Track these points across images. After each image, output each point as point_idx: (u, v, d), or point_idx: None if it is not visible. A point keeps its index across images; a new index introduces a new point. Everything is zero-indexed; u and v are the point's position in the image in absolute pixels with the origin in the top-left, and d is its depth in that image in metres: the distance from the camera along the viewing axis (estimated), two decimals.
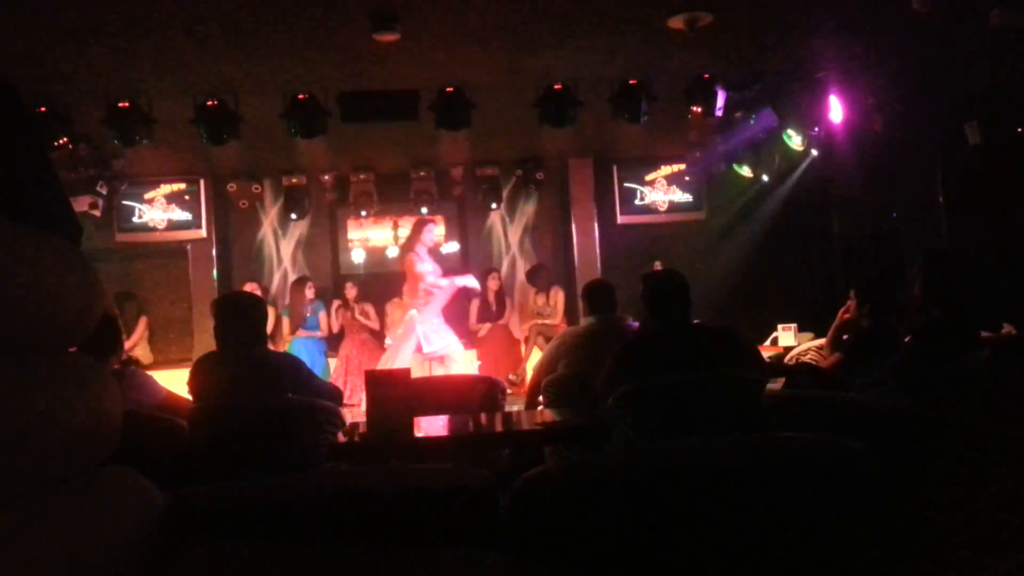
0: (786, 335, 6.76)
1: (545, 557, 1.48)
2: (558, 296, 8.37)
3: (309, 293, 8.37)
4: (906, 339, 3.49)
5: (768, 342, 6.84)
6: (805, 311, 7.74)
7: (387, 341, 8.02)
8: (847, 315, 4.28)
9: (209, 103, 6.24)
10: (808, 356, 5.40)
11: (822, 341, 4.89)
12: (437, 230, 7.19)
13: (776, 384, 4.22)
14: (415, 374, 6.12)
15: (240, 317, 3.13)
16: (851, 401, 3.15)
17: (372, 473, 2.22)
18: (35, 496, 1.11)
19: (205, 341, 8.48)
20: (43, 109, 6.16)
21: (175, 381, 5.14)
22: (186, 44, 5.29)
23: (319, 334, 8.25)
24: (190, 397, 3.18)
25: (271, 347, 5.97)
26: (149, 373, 3.92)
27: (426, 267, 6.59)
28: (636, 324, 4.14)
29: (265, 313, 3.32)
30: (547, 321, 8.17)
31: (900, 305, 4.20)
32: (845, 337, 4.25)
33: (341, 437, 3.18)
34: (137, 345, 8.29)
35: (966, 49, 5.78)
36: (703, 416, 2.79)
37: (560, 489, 1.59)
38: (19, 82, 1.79)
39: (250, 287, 8.48)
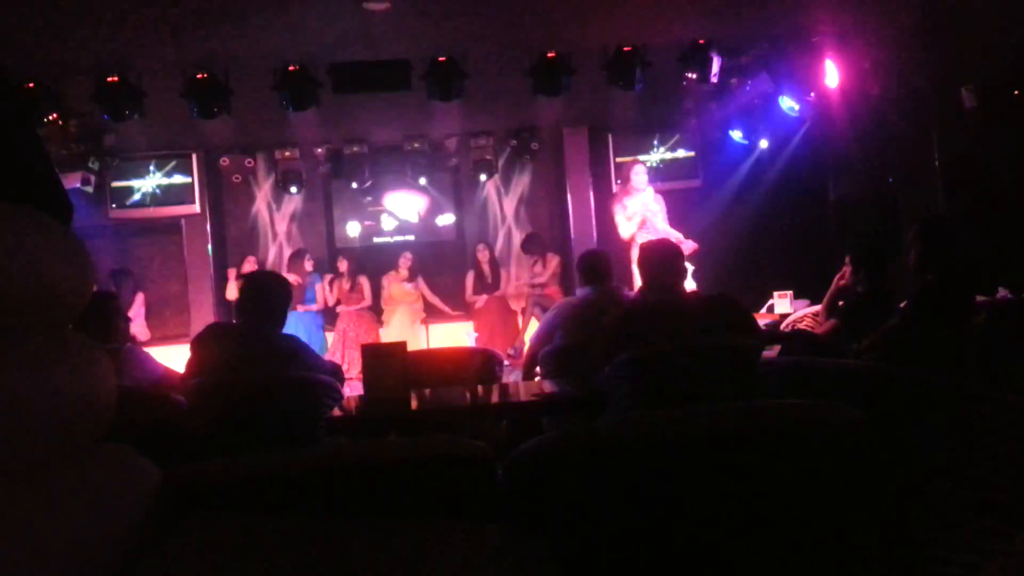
0: (782, 302, 6.77)
1: (543, 527, 1.49)
2: (553, 261, 8.37)
3: (308, 266, 8.35)
4: (902, 305, 3.50)
5: (764, 309, 6.85)
6: (801, 278, 7.74)
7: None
8: (843, 281, 4.28)
9: (199, 76, 6.18)
10: (804, 323, 5.41)
11: (818, 308, 4.90)
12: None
13: (772, 351, 4.23)
14: None
15: (257, 297, 3.16)
16: (846, 367, 3.17)
17: (370, 446, 2.23)
18: (31, 474, 1.11)
19: (202, 317, 8.48)
20: (31, 85, 6.09)
21: (172, 357, 5.15)
22: (174, 16, 5.21)
23: (315, 307, 8.25)
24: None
25: None
26: (146, 350, 3.93)
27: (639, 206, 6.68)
28: (632, 294, 4.14)
29: (287, 295, 3.31)
30: (538, 281, 8.18)
31: (896, 271, 4.20)
32: (841, 303, 4.26)
33: (338, 411, 3.19)
34: (134, 322, 8.29)
35: (962, 12, 5.72)
36: (699, 384, 2.80)
37: (557, 459, 1.59)
38: (6, 58, 1.77)
39: (249, 262, 8.47)
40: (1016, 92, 6.49)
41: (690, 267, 6.71)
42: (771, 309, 6.79)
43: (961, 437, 1.88)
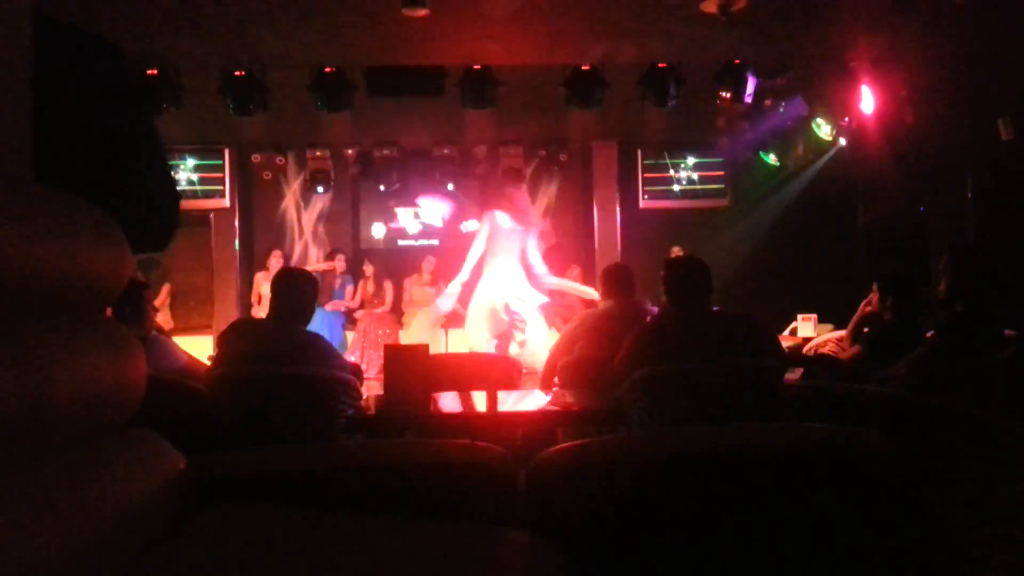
0: (806, 325, 6.71)
1: (560, 535, 1.48)
2: (572, 272, 8.37)
3: (341, 266, 8.45)
4: (928, 334, 3.46)
5: (787, 332, 6.80)
6: (826, 302, 7.66)
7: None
8: (869, 308, 4.24)
9: (236, 73, 6.26)
10: (827, 347, 5.35)
11: (842, 333, 4.84)
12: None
13: (794, 374, 4.20)
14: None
15: (285, 292, 3.19)
16: (869, 393, 3.14)
17: (390, 446, 2.24)
18: (60, 456, 1.13)
19: (225, 309, 8.57)
20: None
21: (196, 347, 5.20)
22: (215, 13, 5.29)
23: (342, 307, 8.34)
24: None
25: None
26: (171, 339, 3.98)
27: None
28: (655, 309, 4.13)
29: (313, 292, 3.34)
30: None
31: (924, 299, 4.15)
32: (866, 330, 4.22)
33: (356, 410, 3.21)
34: (160, 311, 8.39)
35: (1001, 43, 5.67)
36: (719, 403, 2.79)
37: (578, 468, 1.59)
38: None
39: (275, 256, 8.57)
40: None
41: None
42: (794, 332, 6.73)
43: (986, 470, 1.86)
